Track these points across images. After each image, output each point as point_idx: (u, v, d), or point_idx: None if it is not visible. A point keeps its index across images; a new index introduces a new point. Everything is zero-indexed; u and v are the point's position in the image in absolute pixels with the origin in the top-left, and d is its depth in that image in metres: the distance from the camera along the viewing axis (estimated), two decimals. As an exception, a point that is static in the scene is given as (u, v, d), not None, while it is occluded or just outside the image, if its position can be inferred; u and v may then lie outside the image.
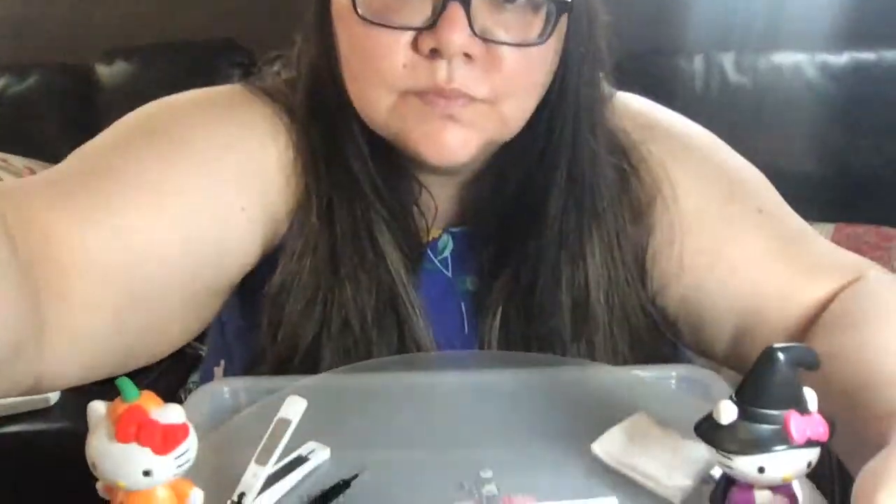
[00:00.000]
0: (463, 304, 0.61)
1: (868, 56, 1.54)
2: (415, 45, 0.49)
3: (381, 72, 0.50)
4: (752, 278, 0.59)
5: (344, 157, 0.56)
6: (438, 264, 0.61)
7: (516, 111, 0.53)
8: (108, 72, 1.76)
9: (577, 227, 0.58)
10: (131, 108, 0.59)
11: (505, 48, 0.50)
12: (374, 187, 0.57)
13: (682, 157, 0.61)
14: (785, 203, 0.63)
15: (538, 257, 0.58)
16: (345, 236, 0.57)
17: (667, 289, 0.62)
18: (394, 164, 0.57)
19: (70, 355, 0.47)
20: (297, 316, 0.57)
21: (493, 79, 0.50)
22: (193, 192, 0.53)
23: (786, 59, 1.56)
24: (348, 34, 0.52)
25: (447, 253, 0.61)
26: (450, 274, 0.61)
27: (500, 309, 0.59)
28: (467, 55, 0.49)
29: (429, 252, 0.61)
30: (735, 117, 1.53)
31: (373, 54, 0.50)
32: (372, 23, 0.49)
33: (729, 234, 0.60)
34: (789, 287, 0.58)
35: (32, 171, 1.65)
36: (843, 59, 1.54)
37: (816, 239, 0.61)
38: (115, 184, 0.50)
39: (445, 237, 0.61)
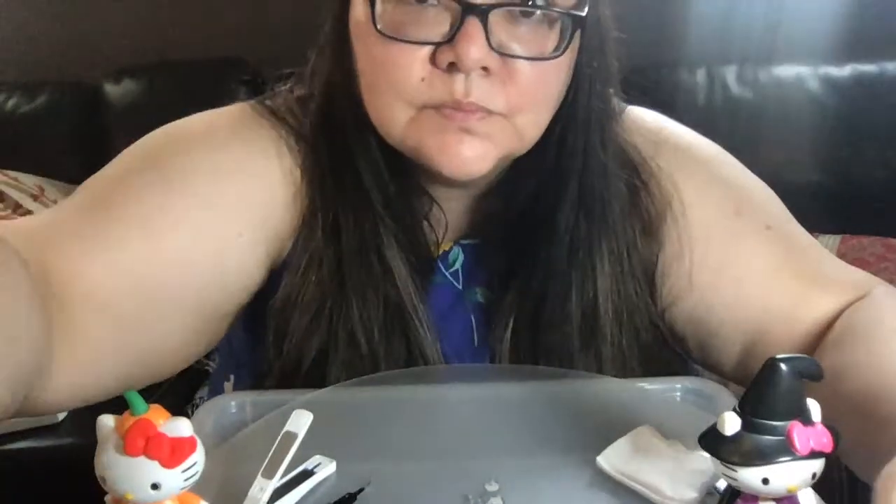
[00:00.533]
0: (473, 317, 0.61)
1: (870, 68, 1.54)
2: (433, 59, 0.50)
3: (400, 86, 0.51)
4: (758, 294, 0.59)
5: (355, 173, 0.57)
6: (449, 276, 0.61)
7: (531, 125, 0.53)
8: (116, 90, 1.78)
9: (587, 239, 0.58)
10: (139, 126, 0.59)
11: (521, 62, 0.50)
12: (384, 202, 0.57)
13: (691, 171, 0.62)
14: (793, 219, 0.63)
15: (548, 269, 0.58)
16: (351, 251, 0.57)
17: (676, 304, 0.62)
18: (406, 179, 0.58)
19: (71, 385, 0.48)
20: (302, 330, 0.58)
21: (510, 92, 0.51)
22: (189, 224, 0.54)
23: (788, 71, 1.57)
24: (367, 50, 0.52)
25: (458, 265, 0.61)
26: (460, 286, 0.61)
27: (511, 321, 0.59)
28: (484, 69, 0.50)
29: (439, 265, 0.61)
30: (738, 130, 1.53)
31: (391, 69, 0.51)
32: (391, 38, 0.50)
33: (736, 250, 0.60)
34: (796, 303, 0.58)
35: (42, 189, 1.66)
36: (845, 70, 1.55)
37: (824, 255, 0.62)
38: (113, 219, 0.52)
39: (456, 250, 0.61)
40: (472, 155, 0.51)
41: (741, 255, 0.60)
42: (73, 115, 1.79)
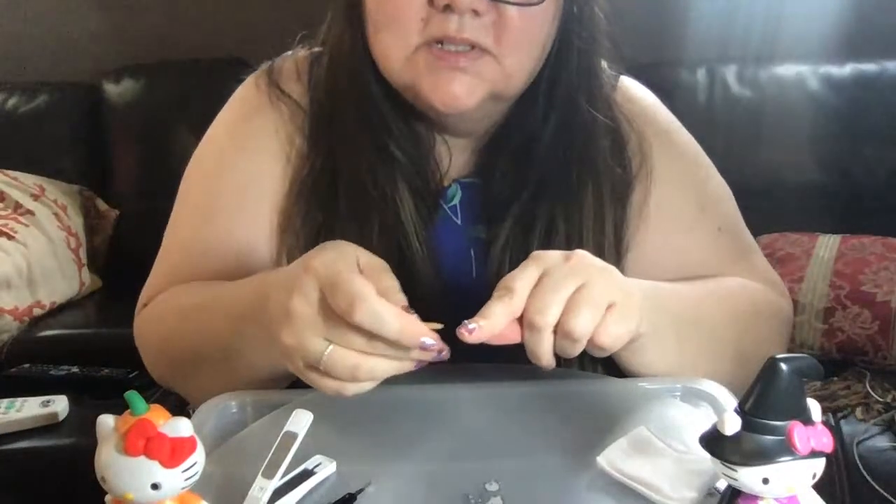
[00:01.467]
0: (472, 251, 0.65)
1: (870, 67, 1.54)
2: (430, 1, 0.56)
3: (401, 24, 0.57)
4: (690, 275, 0.67)
5: (362, 112, 0.62)
6: (448, 211, 0.66)
7: (518, 67, 0.59)
8: (116, 90, 1.78)
9: (574, 180, 0.63)
10: (139, 126, 0.62)
11: (509, 7, 0.56)
12: (392, 137, 0.62)
13: (674, 158, 0.68)
14: (742, 222, 0.71)
15: (537, 208, 0.63)
16: (350, 178, 0.62)
17: (627, 254, 0.66)
18: (415, 119, 0.63)
19: None
20: (300, 249, 0.62)
21: (499, 33, 0.57)
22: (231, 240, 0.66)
23: (788, 70, 1.56)
24: None
25: (456, 201, 0.66)
26: (459, 221, 0.65)
27: (507, 256, 0.63)
28: (475, 11, 0.55)
29: (439, 200, 0.65)
30: (738, 129, 1.53)
31: (395, 9, 0.57)
32: None
33: (686, 238, 0.67)
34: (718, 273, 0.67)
35: (42, 189, 1.66)
36: (845, 69, 1.54)
37: (758, 256, 0.72)
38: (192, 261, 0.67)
39: (454, 186, 0.66)
40: (462, 91, 0.57)
41: (688, 244, 0.67)
42: (73, 115, 1.79)
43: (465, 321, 0.47)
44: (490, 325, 0.47)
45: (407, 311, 0.47)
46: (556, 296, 0.47)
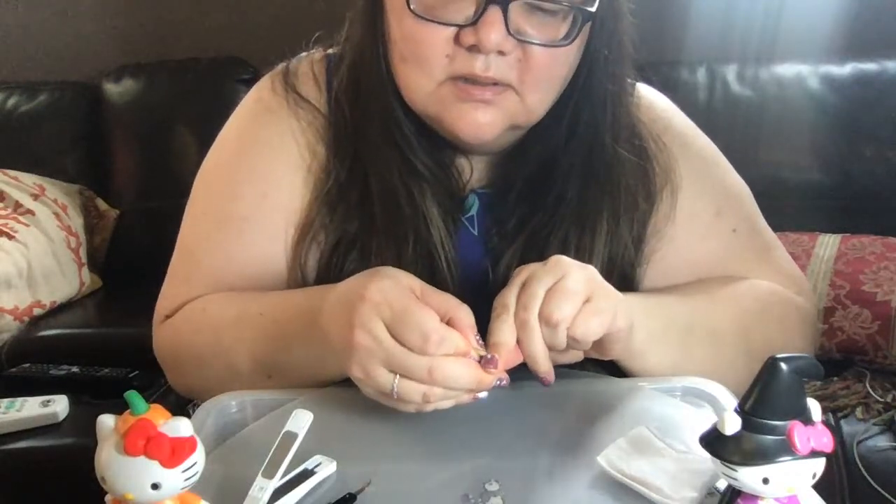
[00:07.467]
0: (489, 261, 0.66)
1: (870, 66, 1.53)
2: (457, 38, 0.56)
3: (426, 60, 0.57)
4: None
5: (384, 127, 0.62)
6: (465, 222, 0.66)
7: (539, 101, 0.60)
8: (116, 89, 1.78)
9: (590, 203, 0.64)
10: (139, 125, 0.62)
11: (534, 47, 0.56)
12: (415, 152, 0.63)
13: (690, 161, 0.68)
14: (759, 216, 0.71)
15: (552, 226, 0.64)
16: (379, 191, 0.62)
17: (644, 265, 0.67)
18: (433, 133, 0.63)
19: None
20: (325, 259, 0.63)
21: (523, 71, 0.57)
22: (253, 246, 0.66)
23: (788, 69, 1.56)
24: (399, 25, 0.58)
25: (473, 212, 0.66)
26: (476, 232, 0.66)
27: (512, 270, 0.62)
28: (501, 51, 0.56)
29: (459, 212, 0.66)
30: (738, 128, 1.53)
31: (420, 45, 0.57)
32: (422, 17, 0.56)
33: (702, 245, 0.67)
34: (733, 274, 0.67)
35: (42, 188, 1.66)
36: (845, 69, 1.54)
37: (778, 252, 0.71)
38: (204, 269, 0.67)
39: (472, 197, 0.67)
40: (485, 121, 0.58)
41: (701, 252, 0.67)
42: (73, 115, 1.79)
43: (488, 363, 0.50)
44: (505, 346, 0.50)
45: (479, 343, 0.50)
46: (536, 291, 0.50)
